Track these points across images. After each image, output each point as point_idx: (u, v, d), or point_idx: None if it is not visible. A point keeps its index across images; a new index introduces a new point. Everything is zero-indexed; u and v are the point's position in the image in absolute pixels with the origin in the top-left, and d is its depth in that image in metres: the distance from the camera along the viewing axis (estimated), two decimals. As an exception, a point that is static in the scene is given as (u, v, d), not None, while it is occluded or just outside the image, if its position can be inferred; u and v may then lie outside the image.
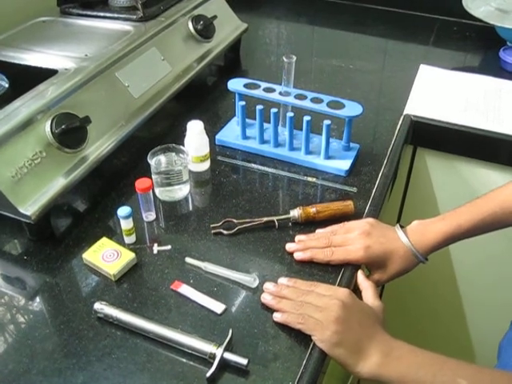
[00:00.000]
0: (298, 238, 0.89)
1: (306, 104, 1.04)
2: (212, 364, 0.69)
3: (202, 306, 0.78)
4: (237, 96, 1.10)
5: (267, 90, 1.08)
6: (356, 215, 0.93)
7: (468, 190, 1.26)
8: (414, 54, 1.52)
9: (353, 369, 0.71)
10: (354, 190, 1.00)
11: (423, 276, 1.25)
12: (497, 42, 1.49)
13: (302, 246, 0.87)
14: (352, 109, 1.02)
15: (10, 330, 0.77)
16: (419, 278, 1.27)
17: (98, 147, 0.96)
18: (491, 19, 1.43)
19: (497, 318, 1.34)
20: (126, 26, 1.18)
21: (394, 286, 1.31)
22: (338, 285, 0.82)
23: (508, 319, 1.02)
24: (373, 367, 0.71)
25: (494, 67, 1.43)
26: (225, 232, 0.91)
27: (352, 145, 1.08)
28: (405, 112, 1.22)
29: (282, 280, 0.81)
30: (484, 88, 1.31)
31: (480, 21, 1.45)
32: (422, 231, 0.89)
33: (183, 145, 1.00)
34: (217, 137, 1.12)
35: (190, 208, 0.98)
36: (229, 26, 1.39)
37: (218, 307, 0.78)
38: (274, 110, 1.04)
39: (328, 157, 1.05)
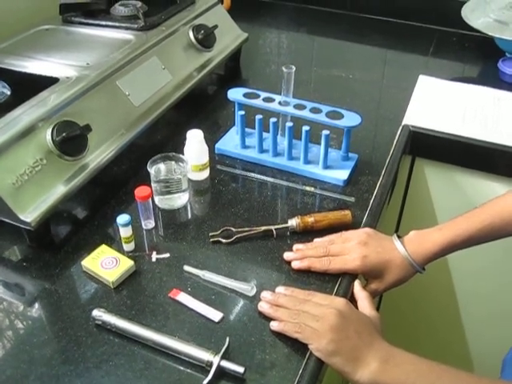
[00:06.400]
0: (295, 247, 0.89)
1: (305, 114, 1.05)
2: (209, 372, 0.70)
3: (200, 314, 0.79)
4: (236, 105, 1.11)
5: (267, 99, 1.09)
6: (354, 225, 0.94)
7: (466, 201, 1.26)
8: (413, 65, 1.53)
9: (352, 377, 0.72)
10: (352, 199, 1.00)
11: (421, 286, 1.25)
12: (495, 52, 1.50)
13: (299, 255, 0.87)
14: (351, 119, 1.03)
15: (9, 336, 0.78)
16: (417, 289, 1.28)
17: (98, 155, 0.97)
18: (490, 30, 1.44)
19: (496, 330, 1.35)
20: (127, 35, 1.19)
21: (391, 296, 1.31)
22: (336, 294, 0.83)
23: (509, 330, 1.02)
24: (372, 374, 0.71)
25: (492, 78, 1.44)
26: (223, 240, 0.91)
27: (350, 155, 1.08)
28: (403, 122, 1.23)
29: (280, 289, 0.81)
30: (482, 99, 1.32)
31: (479, 32, 1.45)
32: (419, 241, 0.90)
33: (183, 153, 1.01)
34: (216, 146, 1.12)
35: (189, 216, 0.99)
36: (229, 36, 1.40)
37: (215, 315, 0.79)
38: (273, 119, 1.04)
39: (326, 166, 1.05)
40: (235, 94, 1.10)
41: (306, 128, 1.02)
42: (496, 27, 1.44)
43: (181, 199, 0.99)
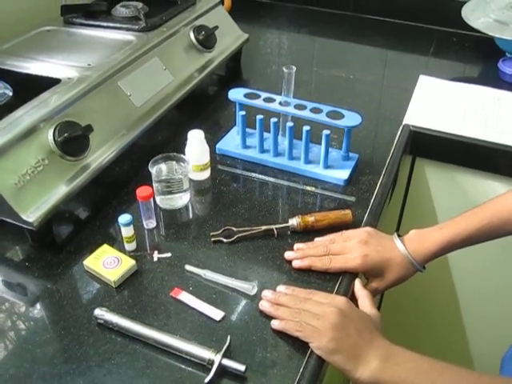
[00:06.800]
0: (296, 246, 0.90)
1: (306, 114, 1.05)
2: (210, 370, 0.70)
3: (201, 313, 0.79)
4: (237, 106, 1.11)
5: (267, 99, 1.09)
6: (354, 224, 0.94)
7: (466, 200, 1.26)
8: (413, 65, 1.53)
9: (353, 375, 0.72)
10: (353, 199, 1.01)
11: (422, 286, 1.26)
12: (496, 52, 1.50)
13: (300, 254, 0.88)
14: (351, 119, 1.03)
15: (12, 336, 0.78)
16: (418, 288, 1.28)
17: (99, 155, 0.97)
18: (490, 30, 1.44)
19: (496, 329, 1.35)
20: (128, 36, 1.20)
21: (392, 295, 1.31)
22: (336, 293, 0.83)
23: (509, 330, 1.02)
24: (372, 372, 0.71)
25: (492, 78, 1.44)
26: (224, 240, 0.92)
27: (351, 154, 1.09)
28: (404, 122, 1.23)
29: (281, 288, 0.82)
30: (483, 98, 1.32)
31: (479, 32, 1.46)
32: (419, 240, 0.90)
33: (184, 153, 1.02)
34: (217, 146, 1.13)
35: (191, 216, 0.99)
36: (230, 37, 1.41)
37: (216, 314, 0.79)
38: (273, 119, 1.05)
39: (327, 166, 1.06)
40: (236, 94, 1.11)
41: (306, 128, 1.02)
42: (496, 27, 1.44)
43: (182, 199, 0.99)
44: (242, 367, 0.70)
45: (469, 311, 1.47)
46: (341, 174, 1.05)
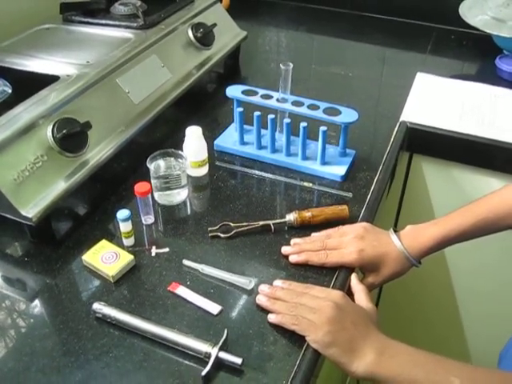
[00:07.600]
0: (293, 241, 0.90)
1: (303, 110, 1.06)
2: (207, 363, 0.71)
3: (199, 307, 0.80)
4: (235, 102, 1.11)
5: (265, 96, 1.10)
6: (351, 219, 0.95)
7: (463, 196, 1.27)
8: (411, 62, 1.54)
9: (348, 368, 0.73)
10: (350, 195, 1.01)
11: (420, 282, 1.26)
12: (493, 50, 1.51)
13: (297, 249, 0.88)
14: (348, 115, 1.04)
15: (11, 330, 0.79)
16: (416, 284, 1.29)
17: (98, 152, 0.98)
18: (488, 28, 1.44)
19: (493, 326, 1.36)
20: (126, 34, 1.20)
21: (390, 291, 1.32)
22: (332, 287, 0.84)
23: (506, 327, 1.03)
24: (368, 366, 0.72)
25: (490, 75, 1.45)
26: (222, 235, 0.92)
27: (348, 151, 1.09)
28: (401, 119, 1.24)
29: (277, 282, 0.82)
30: (480, 95, 1.32)
31: (477, 29, 1.46)
32: (414, 235, 0.91)
33: (182, 150, 1.02)
34: (215, 142, 1.13)
35: (188, 212, 1.00)
36: (228, 34, 1.41)
37: (214, 308, 0.80)
38: (271, 116, 1.05)
39: (324, 162, 1.06)
40: (234, 91, 1.11)
41: (303, 124, 1.03)
42: (493, 25, 1.45)
43: (180, 195, 1.00)
44: (238, 360, 0.71)
45: (466, 307, 1.48)
46: (338, 170, 1.05)
